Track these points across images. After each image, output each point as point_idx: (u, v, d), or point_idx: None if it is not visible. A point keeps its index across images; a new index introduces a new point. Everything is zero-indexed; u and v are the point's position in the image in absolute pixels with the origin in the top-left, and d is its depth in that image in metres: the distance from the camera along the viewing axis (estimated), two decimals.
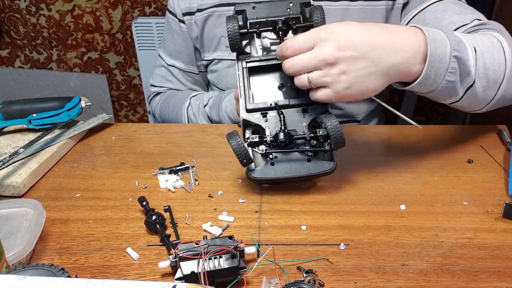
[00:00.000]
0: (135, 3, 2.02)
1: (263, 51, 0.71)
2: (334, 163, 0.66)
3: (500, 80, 0.72)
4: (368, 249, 0.57)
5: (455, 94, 0.69)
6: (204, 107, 0.99)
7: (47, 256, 0.57)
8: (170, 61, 1.08)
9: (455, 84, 0.67)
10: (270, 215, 0.64)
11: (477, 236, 0.59)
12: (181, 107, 1.03)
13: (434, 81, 0.65)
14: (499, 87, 0.72)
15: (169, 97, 1.08)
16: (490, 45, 0.71)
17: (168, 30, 1.07)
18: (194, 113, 1.01)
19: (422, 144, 0.83)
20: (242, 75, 0.70)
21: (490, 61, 0.70)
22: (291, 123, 0.67)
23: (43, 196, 0.70)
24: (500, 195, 0.68)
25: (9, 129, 0.87)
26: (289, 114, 0.67)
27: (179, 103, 1.04)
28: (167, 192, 0.70)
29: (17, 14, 2.13)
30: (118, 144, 0.85)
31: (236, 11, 0.70)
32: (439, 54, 0.63)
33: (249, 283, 0.52)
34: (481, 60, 0.69)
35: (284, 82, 0.70)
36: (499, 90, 0.73)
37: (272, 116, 0.67)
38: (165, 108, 1.07)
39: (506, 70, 0.71)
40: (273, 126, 0.67)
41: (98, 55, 2.18)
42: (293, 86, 0.65)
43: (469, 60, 0.67)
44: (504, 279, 0.53)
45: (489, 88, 0.72)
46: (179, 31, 1.03)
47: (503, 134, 0.84)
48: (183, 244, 0.52)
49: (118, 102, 2.29)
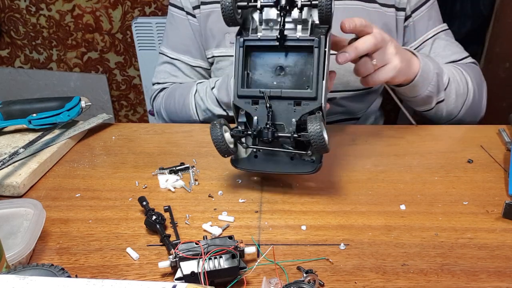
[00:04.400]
0: (135, 3, 2.02)
1: (265, 24, 0.66)
2: (317, 165, 0.64)
3: (460, 107, 0.92)
4: (368, 249, 0.57)
5: (430, 103, 0.89)
6: (212, 89, 0.95)
7: (47, 256, 0.57)
8: (176, 55, 1.05)
9: (433, 95, 0.87)
10: (270, 215, 0.64)
11: (477, 236, 0.59)
12: (187, 95, 0.99)
13: (421, 89, 0.84)
14: (459, 111, 0.92)
15: (174, 89, 1.04)
16: (460, 81, 0.90)
17: (172, 25, 1.04)
18: (201, 98, 0.96)
19: (422, 144, 0.83)
20: (238, 55, 0.65)
21: (457, 91, 0.90)
22: (280, 114, 0.64)
23: (43, 196, 0.70)
24: (500, 195, 0.68)
25: (9, 129, 0.87)
26: (280, 105, 0.64)
27: (185, 92, 1.00)
28: (167, 192, 0.70)
29: (17, 14, 2.13)
30: (118, 144, 0.85)
31: None
32: (426, 70, 0.82)
33: (249, 283, 0.52)
34: (452, 86, 0.89)
35: (284, 65, 0.66)
36: (458, 114, 0.93)
37: (263, 104, 0.64)
38: (171, 100, 1.03)
39: (466, 101, 0.92)
40: (262, 116, 0.64)
41: (98, 55, 2.18)
42: (293, 71, 0.64)
43: (443, 81, 0.87)
44: (504, 279, 0.53)
45: (452, 110, 0.92)
46: (187, 25, 1.01)
47: (503, 134, 0.84)
48: (183, 244, 0.52)
49: (118, 102, 2.29)
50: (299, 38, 0.64)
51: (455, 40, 1.01)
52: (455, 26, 1.68)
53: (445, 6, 1.69)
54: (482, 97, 0.96)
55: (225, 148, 0.63)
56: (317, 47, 0.62)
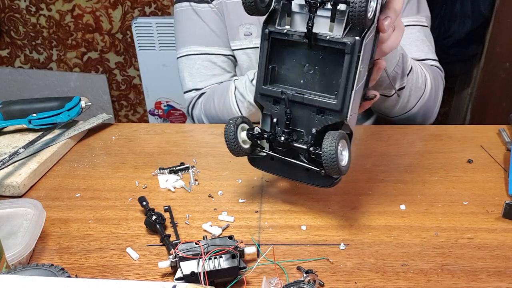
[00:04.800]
0: (135, 3, 2.02)
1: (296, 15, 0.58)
2: (334, 181, 0.60)
3: (416, 100, 0.90)
4: (368, 249, 0.57)
5: (390, 88, 0.85)
6: (251, 81, 0.89)
7: (47, 256, 0.57)
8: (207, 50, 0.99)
9: (397, 77, 0.83)
10: (270, 215, 0.64)
11: (477, 236, 0.59)
12: (227, 95, 0.93)
13: (389, 67, 0.79)
14: (414, 105, 0.91)
15: (213, 91, 0.98)
16: (420, 74, 0.88)
17: (190, 21, 0.99)
18: (242, 93, 0.90)
19: (422, 144, 0.83)
20: (262, 47, 0.58)
21: (416, 82, 0.88)
22: (301, 120, 0.58)
23: (43, 196, 0.70)
24: (500, 195, 0.68)
25: (9, 129, 0.87)
26: (302, 110, 0.58)
27: (224, 93, 0.94)
28: (167, 192, 0.70)
29: (17, 14, 2.13)
30: (118, 144, 0.85)
31: None
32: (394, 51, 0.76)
33: (249, 283, 0.52)
34: (413, 75, 0.86)
35: (312, 64, 0.57)
36: (413, 109, 0.91)
37: (284, 105, 0.58)
38: (210, 104, 0.96)
39: (422, 96, 0.91)
40: (283, 118, 0.59)
41: (98, 55, 2.18)
42: (324, 71, 0.57)
43: (407, 65, 0.83)
44: (504, 279, 0.53)
45: (408, 101, 0.90)
46: (213, 15, 0.97)
47: (503, 134, 0.84)
48: (183, 244, 0.52)
49: (118, 102, 2.29)
50: (329, 39, 0.55)
51: (430, 41, 0.97)
52: (455, 26, 1.68)
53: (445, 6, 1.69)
54: (437, 98, 0.95)
55: (235, 148, 0.60)
56: (349, 53, 0.53)
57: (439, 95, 0.96)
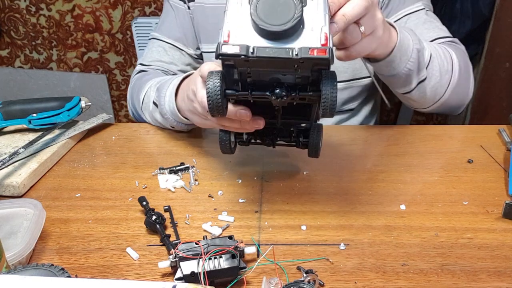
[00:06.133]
0: (135, 3, 2.02)
1: None
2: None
3: (446, 86, 0.83)
4: (368, 249, 0.57)
5: (409, 83, 0.80)
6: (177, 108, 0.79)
7: (47, 256, 0.57)
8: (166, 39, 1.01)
9: (412, 73, 0.77)
10: (270, 215, 0.64)
11: (477, 236, 0.59)
12: (148, 93, 0.90)
13: (398, 65, 0.75)
14: (444, 91, 0.84)
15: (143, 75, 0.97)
16: (443, 57, 0.82)
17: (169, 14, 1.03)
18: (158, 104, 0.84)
19: (422, 144, 0.83)
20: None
21: (441, 67, 0.81)
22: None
23: (43, 196, 0.70)
24: (500, 195, 0.68)
25: (9, 129, 0.87)
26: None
27: (143, 86, 0.92)
28: (167, 192, 0.70)
29: (17, 14, 2.13)
30: (118, 144, 0.85)
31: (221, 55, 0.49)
32: (404, 44, 0.73)
33: (249, 283, 0.52)
34: (435, 63, 0.80)
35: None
36: (444, 95, 0.84)
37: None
38: (135, 85, 0.96)
39: (451, 80, 0.83)
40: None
41: (98, 55, 2.18)
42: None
43: (425, 58, 0.78)
44: (504, 279, 0.53)
45: (436, 90, 0.83)
46: (185, 14, 1.00)
47: (503, 134, 0.84)
48: (183, 244, 0.52)
49: (118, 102, 2.29)
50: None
51: (438, 21, 0.93)
52: (455, 26, 1.68)
53: (445, 6, 1.69)
54: (469, 76, 0.88)
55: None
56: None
57: (470, 72, 0.89)
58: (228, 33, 0.50)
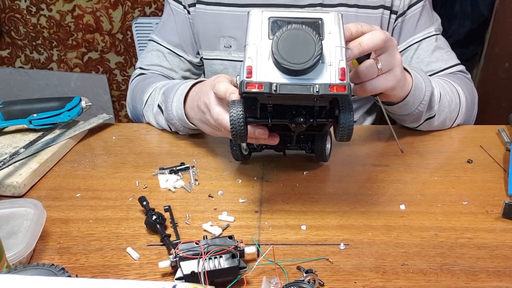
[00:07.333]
0: (135, 3, 2.03)
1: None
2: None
3: (453, 120, 0.88)
4: (368, 249, 0.57)
5: (418, 121, 0.83)
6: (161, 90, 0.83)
7: (47, 256, 0.57)
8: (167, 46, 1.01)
9: (422, 114, 0.81)
10: (270, 215, 0.64)
11: (477, 236, 0.60)
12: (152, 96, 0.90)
13: (410, 108, 0.78)
14: (451, 124, 0.88)
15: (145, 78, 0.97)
16: (451, 93, 0.85)
17: (169, 17, 1.01)
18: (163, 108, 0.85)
19: (422, 144, 0.83)
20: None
21: (449, 105, 0.84)
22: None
23: (44, 196, 0.70)
24: (499, 195, 0.68)
25: (9, 129, 0.87)
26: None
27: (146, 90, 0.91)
28: (167, 192, 0.70)
29: (17, 14, 2.13)
30: (118, 144, 0.85)
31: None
32: (418, 88, 0.75)
33: (249, 283, 0.52)
34: (443, 101, 0.83)
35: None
36: (455, 122, 0.88)
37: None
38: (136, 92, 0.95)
39: (458, 114, 0.87)
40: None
41: (99, 55, 2.18)
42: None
43: (435, 98, 0.81)
44: (503, 279, 0.53)
45: (444, 122, 0.86)
46: (184, 19, 1.00)
47: (503, 134, 0.84)
48: (183, 244, 0.52)
49: (118, 102, 2.29)
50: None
51: (447, 47, 0.95)
52: (455, 26, 1.68)
53: (445, 6, 1.69)
54: (474, 106, 0.93)
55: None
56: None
57: (475, 103, 0.93)
58: (250, 69, 0.52)
